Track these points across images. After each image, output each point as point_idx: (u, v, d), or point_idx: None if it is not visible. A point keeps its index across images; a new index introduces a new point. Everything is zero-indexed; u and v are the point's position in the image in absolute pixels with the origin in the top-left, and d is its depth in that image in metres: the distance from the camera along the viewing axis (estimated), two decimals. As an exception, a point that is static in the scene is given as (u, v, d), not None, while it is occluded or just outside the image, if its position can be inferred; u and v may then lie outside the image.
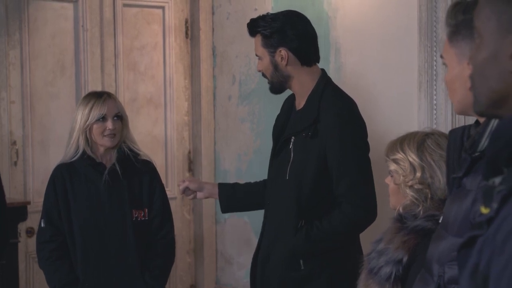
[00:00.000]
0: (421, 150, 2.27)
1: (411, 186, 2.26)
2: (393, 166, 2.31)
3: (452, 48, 1.80)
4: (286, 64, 2.98)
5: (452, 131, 1.89)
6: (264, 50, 3.00)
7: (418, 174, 2.25)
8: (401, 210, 2.27)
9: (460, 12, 1.78)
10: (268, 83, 3.07)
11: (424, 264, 1.85)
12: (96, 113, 3.19)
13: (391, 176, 2.34)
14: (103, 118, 3.19)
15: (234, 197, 3.25)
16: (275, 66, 2.99)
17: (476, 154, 1.57)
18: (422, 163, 2.25)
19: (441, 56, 1.87)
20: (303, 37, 3.00)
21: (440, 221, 1.83)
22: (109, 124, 3.19)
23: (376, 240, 2.31)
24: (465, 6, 1.77)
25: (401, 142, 2.31)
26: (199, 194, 3.27)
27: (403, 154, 2.28)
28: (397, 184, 2.30)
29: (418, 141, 2.29)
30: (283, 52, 2.97)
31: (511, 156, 1.19)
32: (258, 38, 3.01)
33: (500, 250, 1.12)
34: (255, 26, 3.02)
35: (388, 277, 2.16)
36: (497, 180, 1.20)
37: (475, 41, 1.35)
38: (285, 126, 3.07)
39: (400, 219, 2.26)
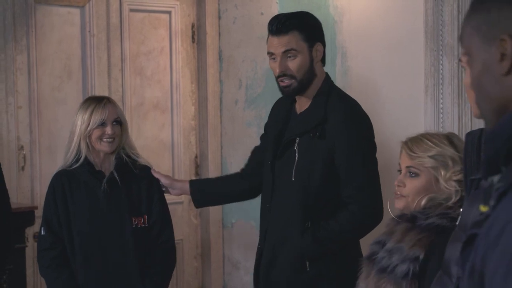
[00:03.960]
0: (454, 145, 2.33)
1: (454, 180, 2.28)
2: (430, 163, 2.31)
3: None
4: (318, 61, 2.95)
5: (469, 134, 1.91)
6: (305, 45, 2.92)
7: (460, 167, 2.29)
8: (422, 203, 2.28)
9: None
10: (293, 83, 2.92)
11: (442, 266, 1.85)
12: (97, 118, 3.16)
13: (414, 175, 2.33)
14: (102, 124, 3.19)
15: (206, 192, 3.30)
16: (311, 63, 2.94)
17: None
18: (461, 154, 2.30)
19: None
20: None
21: (457, 222, 1.83)
22: (108, 129, 3.16)
23: (377, 242, 2.33)
24: None
25: (429, 139, 2.34)
26: (172, 191, 3.32)
27: (440, 149, 2.31)
28: (429, 181, 2.31)
29: (447, 137, 2.35)
30: (319, 47, 2.95)
31: (509, 154, 1.20)
32: (295, 33, 2.90)
33: (494, 244, 1.12)
34: (291, 20, 2.92)
35: (405, 274, 2.17)
36: (496, 178, 1.22)
37: (467, 64, 1.38)
38: (283, 130, 3.05)
39: (411, 219, 2.27)
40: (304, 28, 2.92)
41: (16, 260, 3.89)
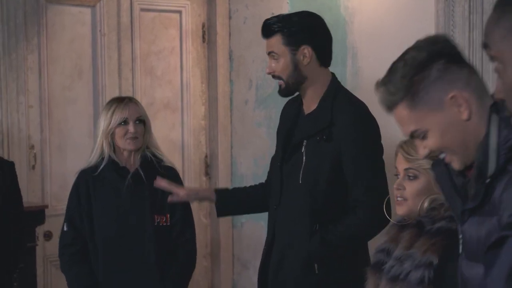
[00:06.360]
0: None
1: None
2: (428, 164, 2.28)
3: (420, 110, 1.69)
4: (308, 63, 2.94)
5: (434, 164, 1.85)
6: (285, 49, 2.94)
7: None
8: (425, 205, 2.26)
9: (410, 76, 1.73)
10: (282, 84, 2.99)
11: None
12: (117, 117, 3.22)
13: (413, 177, 2.31)
14: (124, 122, 3.22)
15: (230, 203, 3.23)
16: (295, 65, 2.94)
17: (488, 180, 1.51)
18: None
19: (412, 134, 1.79)
20: (326, 36, 2.99)
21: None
22: (131, 127, 3.21)
23: (381, 250, 2.31)
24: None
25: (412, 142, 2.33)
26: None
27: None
28: (429, 182, 2.29)
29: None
30: (306, 50, 2.93)
31: None
32: (277, 37, 2.95)
33: None
34: (274, 25, 2.96)
35: (421, 280, 2.14)
36: None
37: (496, 71, 1.33)
38: (291, 131, 3.04)
39: (417, 225, 2.25)
40: (287, 31, 2.93)
41: (27, 259, 3.91)
